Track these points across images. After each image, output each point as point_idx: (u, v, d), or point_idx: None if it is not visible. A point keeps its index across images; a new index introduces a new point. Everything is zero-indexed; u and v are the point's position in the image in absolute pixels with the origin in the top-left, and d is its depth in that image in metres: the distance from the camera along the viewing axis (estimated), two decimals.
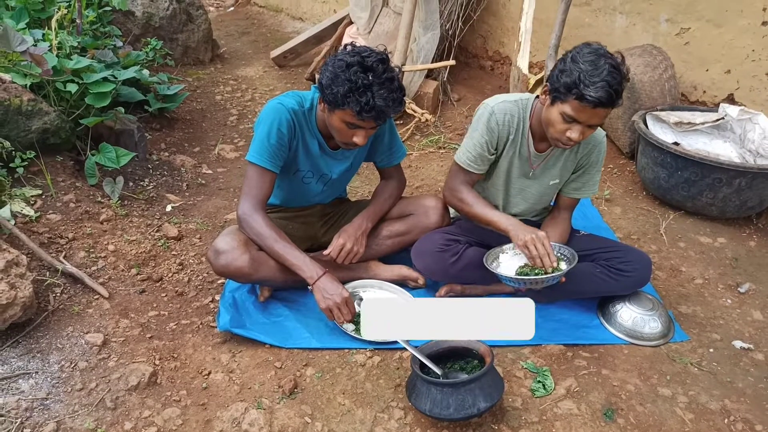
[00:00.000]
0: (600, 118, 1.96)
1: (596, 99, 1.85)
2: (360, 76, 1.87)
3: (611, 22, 4.07)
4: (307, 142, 2.18)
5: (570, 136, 1.99)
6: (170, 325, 2.25)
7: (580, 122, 1.95)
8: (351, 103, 1.89)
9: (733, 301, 2.54)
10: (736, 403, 2.00)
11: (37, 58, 2.81)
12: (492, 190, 2.36)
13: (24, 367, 1.95)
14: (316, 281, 2.06)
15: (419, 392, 1.82)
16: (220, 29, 6.34)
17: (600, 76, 1.85)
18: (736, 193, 2.94)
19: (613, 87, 1.86)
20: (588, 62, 1.88)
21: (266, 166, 2.09)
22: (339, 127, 2.00)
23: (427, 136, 4.07)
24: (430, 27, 4.32)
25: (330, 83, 1.91)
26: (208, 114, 4.30)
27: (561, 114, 1.96)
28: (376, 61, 1.90)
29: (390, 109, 1.93)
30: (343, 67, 1.89)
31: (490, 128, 2.17)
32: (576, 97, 1.89)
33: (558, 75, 1.94)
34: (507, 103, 2.19)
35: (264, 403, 1.91)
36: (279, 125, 2.06)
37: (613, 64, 1.88)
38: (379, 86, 1.88)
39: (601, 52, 1.91)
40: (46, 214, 2.59)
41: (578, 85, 1.87)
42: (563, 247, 2.23)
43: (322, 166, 2.26)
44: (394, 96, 1.92)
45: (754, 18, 3.35)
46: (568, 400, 1.97)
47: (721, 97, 3.59)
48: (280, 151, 2.10)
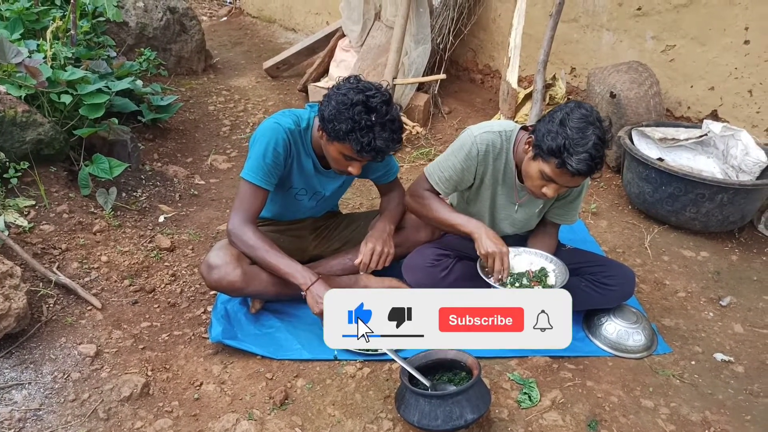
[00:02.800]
0: (577, 183, 2.00)
1: (576, 170, 1.88)
2: (364, 117, 1.90)
3: (598, 38, 4.16)
4: (301, 161, 2.21)
5: (545, 191, 2.02)
6: (162, 336, 2.27)
7: (557, 183, 1.99)
8: (352, 141, 1.92)
9: (715, 314, 2.61)
10: (717, 415, 2.05)
11: (32, 69, 2.83)
12: (478, 217, 2.36)
13: (17, 378, 1.97)
14: (310, 287, 2.09)
15: (408, 404, 1.86)
16: (213, 39, 6.38)
17: (585, 147, 1.86)
18: (719, 208, 3.02)
19: (595, 159, 1.88)
20: (576, 129, 1.88)
21: (260, 185, 2.12)
22: (336, 157, 2.05)
23: (418, 149, 4.12)
24: (422, 41, 4.38)
25: (333, 118, 1.93)
26: (201, 124, 4.33)
27: (540, 171, 1.98)
28: (380, 102, 1.93)
29: (389, 149, 1.97)
30: (348, 104, 1.91)
31: (469, 158, 2.17)
32: (558, 164, 1.90)
33: (544, 135, 1.93)
34: (491, 133, 2.18)
35: (255, 414, 1.94)
36: (275, 145, 2.09)
37: (599, 136, 1.88)
38: (381, 128, 1.92)
39: (590, 120, 1.90)
40: (40, 225, 2.61)
41: (562, 152, 1.88)
42: (555, 261, 2.27)
43: (315, 184, 2.29)
44: (394, 137, 1.96)
45: (737, 37, 3.44)
46: (554, 411, 2.02)
47: (705, 113, 3.68)
48: (275, 170, 2.13)
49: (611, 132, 1.97)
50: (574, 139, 1.87)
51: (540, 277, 2.23)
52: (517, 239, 2.53)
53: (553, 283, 2.20)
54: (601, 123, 1.93)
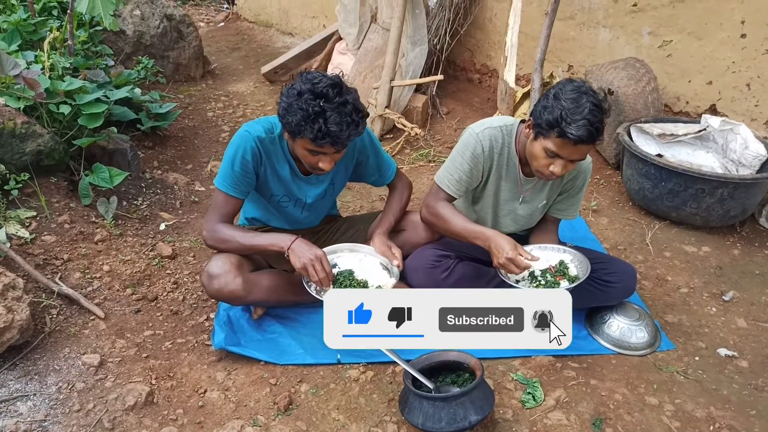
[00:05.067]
0: (581, 154, 2.00)
1: (577, 137, 1.90)
2: (311, 104, 1.87)
3: (595, 35, 4.16)
4: (276, 168, 2.19)
5: (552, 170, 2.03)
6: (166, 344, 2.28)
7: (562, 157, 2.00)
8: (306, 131, 1.89)
9: (718, 309, 2.60)
10: (721, 411, 2.05)
11: (30, 81, 2.84)
12: (481, 213, 2.40)
13: (22, 390, 1.97)
14: (290, 246, 2.09)
15: (412, 406, 1.86)
16: (211, 45, 6.39)
17: (581, 114, 1.89)
18: (719, 203, 3.01)
19: (594, 125, 1.90)
20: (570, 100, 1.92)
21: (230, 193, 2.14)
22: (303, 154, 2.03)
23: (417, 150, 4.13)
24: (418, 42, 4.39)
25: (285, 113, 1.92)
26: (200, 131, 4.34)
27: (544, 149, 2.00)
28: (326, 86, 1.90)
29: (345, 133, 1.92)
30: (295, 95, 1.90)
31: (475, 156, 2.19)
32: (558, 134, 1.93)
33: (541, 111, 1.98)
34: (492, 129, 2.20)
35: (260, 420, 1.94)
36: (243, 153, 2.09)
37: (594, 102, 1.92)
38: (332, 111, 1.88)
39: (583, 90, 1.94)
40: (41, 236, 2.62)
41: (560, 122, 1.91)
42: (570, 251, 2.28)
43: (294, 190, 2.27)
44: (348, 120, 1.91)
45: (733, 30, 3.44)
46: (558, 410, 2.02)
47: (704, 108, 3.68)
48: (245, 178, 2.13)
49: (608, 102, 1.99)
50: (569, 108, 1.90)
51: (562, 270, 2.22)
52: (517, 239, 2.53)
53: (575, 274, 2.20)
54: (594, 93, 1.96)
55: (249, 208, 2.43)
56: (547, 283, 2.16)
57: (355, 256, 2.30)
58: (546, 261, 2.27)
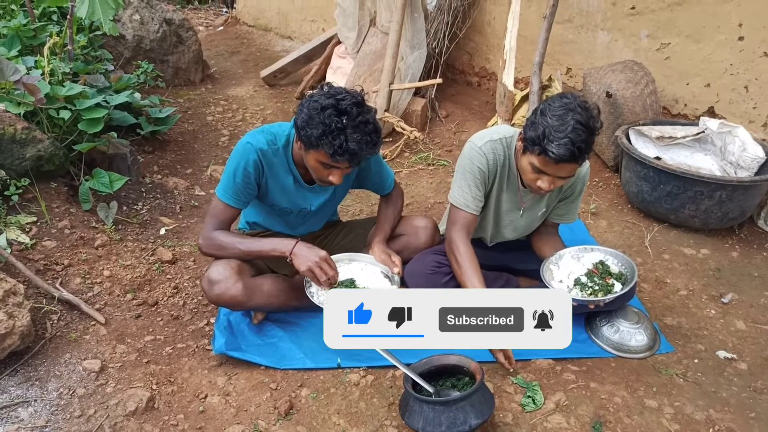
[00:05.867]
0: (567, 172, 1.99)
1: (557, 156, 1.88)
2: (334, 120, 1.89)
3: (593, 38, 4.17)
4: (279, 179, 2.20)
5: (540, 185, 2.03)
6: (166, 349, 2.28)
7: (547, 174, 2.00)
8: (324, 146, 1.91)
9: (717, 312, 2.61)
10: (721, 413, 2.06)
11: (30, 87, 2.85)
12: (482, 224, 2.40)
13: (23, 396, 1.98)
14: (293, 250, 2.10)
15: (412, 410, 1.86)
16: (210, 49, 6.41)
17: (564, 132, 1.87)
18: (718, 205, 3.02)
19: (576, 144, 1.87)
20: (556, 117, 1.90)
21: (230, 203, 2.15)
22: (315, 166, 2.04)
23: (417, 153, 4.14)
24: (417, 46, 4.40)
25: (305, 125, 1.93)
26: (200, 135, 4.35)
27: (530, 164, 2.01)
28: (350, 104, 1.92)
29: (364, 152, 1.95)
30: (318, 109, 1.91)
31: (482, 170, 2.18)
32: (539, 152, 1.93)
33: (528, 126, 1.98)
34: (492, 142, 2.19)
35: (260, 425, 1.95)
36: (246, 165, 2.10)
37: (580, 121, 1.88)
38: (353, 130, 1.90)
39: (571, 107, 1.91)
40: (42, 241, 2.62)
41: (542, 140, 1.90)
42: (610, 252, 2.31)
43: (299, 200, 2.28)
44: (367, 139, 1.93)
45: (731, 33, 3.45)
46: (558, 414, 2.02)
47: (702, 110, 3.69)
48: (246, 189, 2.15)
49: (599, 119, 1.96)
50: (553, 126, 1.89)
51: (606, 270, 2.26)
52: (518, 243, 2.54)
53: (618, 270, 2.26)
54: (584, 109, 1.92)
55: (250, 213, 2.44)
56: (600, 287, 2.17)
57: (355, 266, 2.32)
58: (582, 265, 2.29)
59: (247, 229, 2.49)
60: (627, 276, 2.25)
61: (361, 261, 2.33)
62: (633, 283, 2.19)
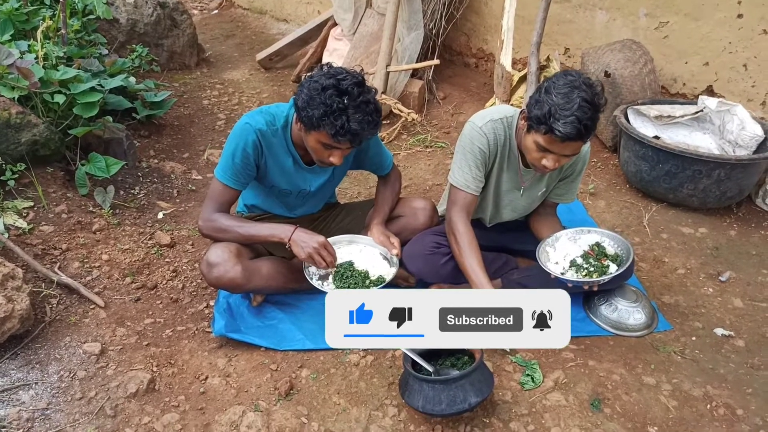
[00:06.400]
0: (572, 150, 1.98)
1: (564, 134, 1.87)
2: (335, 100, 1.87)
3: (591, 17, 4.13)
4: (279, 160, 2.19)
5: (545, 164, 2.02)
6: (166, 332, 2.29)
7: (553, 152, 1.99)
8: (326, 126, 1.90)
9: (715, 290, 2.62)
10: (718, 389, 2.07)
11: (24, 71, 2.82)
12: (482, 204, 2.39)
13: (24, 379, 1.98)
14: (291, 236, 2.11)
15: (412, 390, 1.87)
16: (205, 33, 6.34)
17: (570, 110, 1.85)
18: (716, 184, 3.02)
19: (583, 122, 1.86)
20: (561, 95, 1.88)
21: (229, 184, 2.14)
22: (315, 147, 2.03)
23: (414, 135, 4.12)
24: (414, 27, 4.36)
25: (306, 105, 1.92)
26: (196, 119, 4.33)
27: (535, 143, 1.99)
28: (351, 84, 1.90)
29: (365, 132, 1.94)
30: (319, 89, 1.89)
31: (483, 149, 2.17)
32: (545, 130, 1.91)
33: (532, 105, 1.96)
34: (493, 122, 2.18)
35: (261, 405, 1.96)
36: (245, 145, 2.09)
37: (585, 98, 1.87)
38: (355, 110, 1.89)
39: (576, 84, 1.90)
40: (39, 226, 2.62)
41: (548, 118, 1.88)
42: (606, 233, 2.31)
43: (298, 181, 2.27)
44: (369, 119, 1.93)
45: (730, 11, 3.42)
46: (557, 391, 2.04)
47: (701, 89, 3.67)
48: (245, 170, 2.14)
49: (603, 96, 1.95)
50: (559, 104, 1.87)
51: (602, 252, 2.26)
52: (516, 224, 2.54)
53: (614, 252, 2.26)
54: (589, 87, 1.91)
55: (249, 195, 2.43)
56: (596, 269, 2.17)
57: (354, 248, 2.31)
58: (579, 247, 2.28)
59: (246, 212, 2.49)
60: (623, 257, 2.25)
61: (360, 243, 2.33)
62: (628, 264, 2.19)
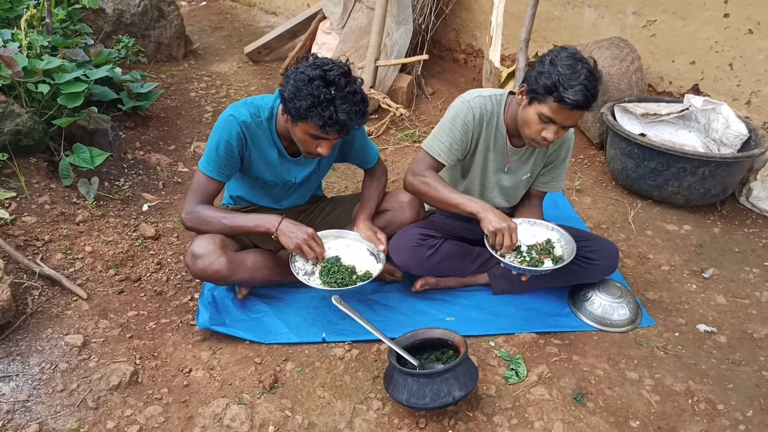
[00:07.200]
0: (575, 120, 2.03)
1: (574, 102, 1.92)
2: (322, 91, 1.86)
3: (580, 15, 4.15)
4: (263, 152, 2.18)
5: (545, 135, 2.05)
6: (150, 325, 2.27)
7: (556, 123, 2.02)
8: (314, 117, 1.89)
9: (698, 287, 2.64)
10: (700, 384, 2.09)
11: (6, 59, 2.78)
12: (469, 185, 2.41)
13: (4, 370, 1.96)
14: (278, 226, 2.10)
15: (396, 383, 1.87)
16: (193, 24, 6.29)
17: (578, 79, 1.92)
18: (701, 182, 3.05)
19: (590, 90, 1.94)
20: (566, 66, 1.94)
21: (212, 176, 2.13)
22: (303, 139, 2.02)
23: (402, 130, 4.11)
24: (403, 21, 4.35)
25: (292, 97, 1.90)
26: (183, 111, 4.29)
27: (538, 114, 2.02)
28: (338, 74, 1.90)
29: (353, 122, 1.94)
30: (305, 80, 1.88)
31: (466, 123, 2.20)
32: (555, 99, 1.95)
33: (537, 77, 1.99)
34: (482, 98, 2.23)
35: (245, 398, 1.95)
36: (228, 137, 2.07)
37: (589, 69, 1.96)
38: (342, 100, 1.89)
39: (578, 57, 1.98)
40: (21, 217, 2.58)
41: (557, 87, 1.93)
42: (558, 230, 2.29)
43: (283, 172, 2.26)
44: (356, 109, 1.92)
45: (717, 10, 3.45)
46: (540, 386, 2.05)
47: (687, 88, 3.70)
48: (229, 162, 2.12)
49: (599, 71, 2.04)
50: (566, 74, 1.93)
51: (548, 249, 2.23)
52: None
53: (560, 255, 2.22)
54: (587, 60, 2.00)
55: (234, 187, 2.41)
56: (532, 260, 2.17)
57: (341, 242, 2.31)
58: (533, 237, 2.28)
59: (232, 204, 2.47)
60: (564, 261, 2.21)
61: (347, 238, 2.32)
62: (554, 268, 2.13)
